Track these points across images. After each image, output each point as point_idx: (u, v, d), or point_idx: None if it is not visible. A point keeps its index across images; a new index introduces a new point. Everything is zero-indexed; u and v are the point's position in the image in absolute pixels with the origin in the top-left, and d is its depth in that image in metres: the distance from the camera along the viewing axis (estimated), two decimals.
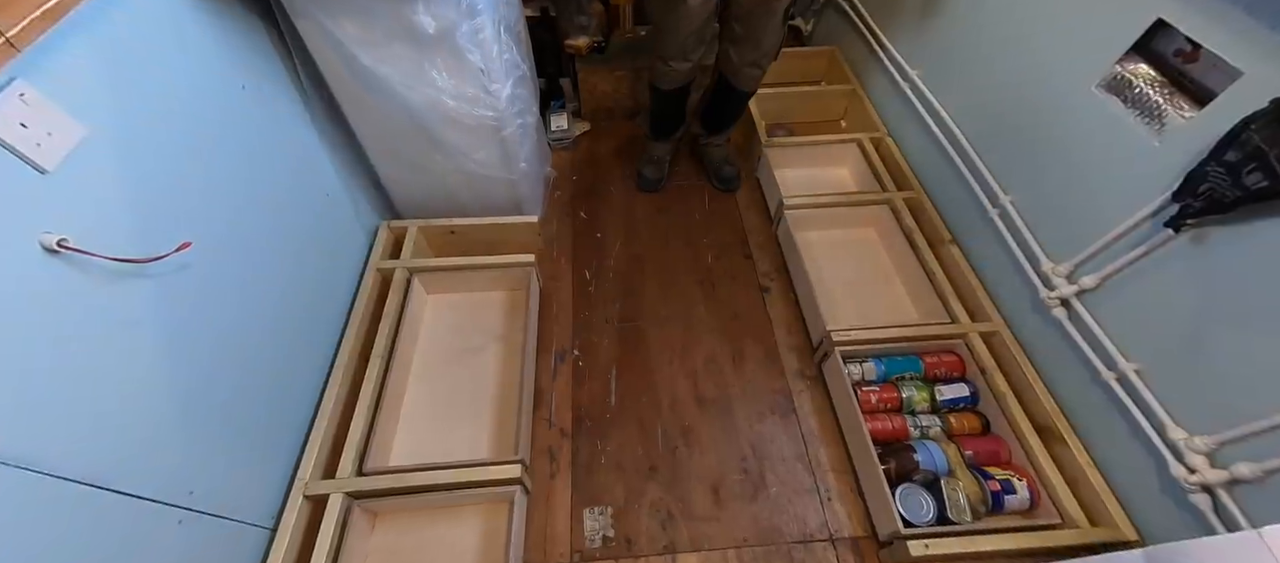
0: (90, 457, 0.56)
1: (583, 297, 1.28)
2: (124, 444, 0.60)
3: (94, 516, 0.56)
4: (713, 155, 1.44)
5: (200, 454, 0.71)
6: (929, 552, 0.80)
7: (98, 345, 0.58)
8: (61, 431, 0.54)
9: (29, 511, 0.50)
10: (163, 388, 0.65)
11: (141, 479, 0.61)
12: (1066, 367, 0.91)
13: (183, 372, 0.68)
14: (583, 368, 1.17)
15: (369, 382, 0.99)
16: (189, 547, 0.68)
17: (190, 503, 0.69)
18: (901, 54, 1.32)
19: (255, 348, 0.82)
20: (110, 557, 0.58)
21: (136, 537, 0.61)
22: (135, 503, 0.61)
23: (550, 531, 0.97)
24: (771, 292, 1.28)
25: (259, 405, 0.83)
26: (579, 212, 1.44)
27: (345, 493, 0.87)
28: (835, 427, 1.07)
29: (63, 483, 0.53)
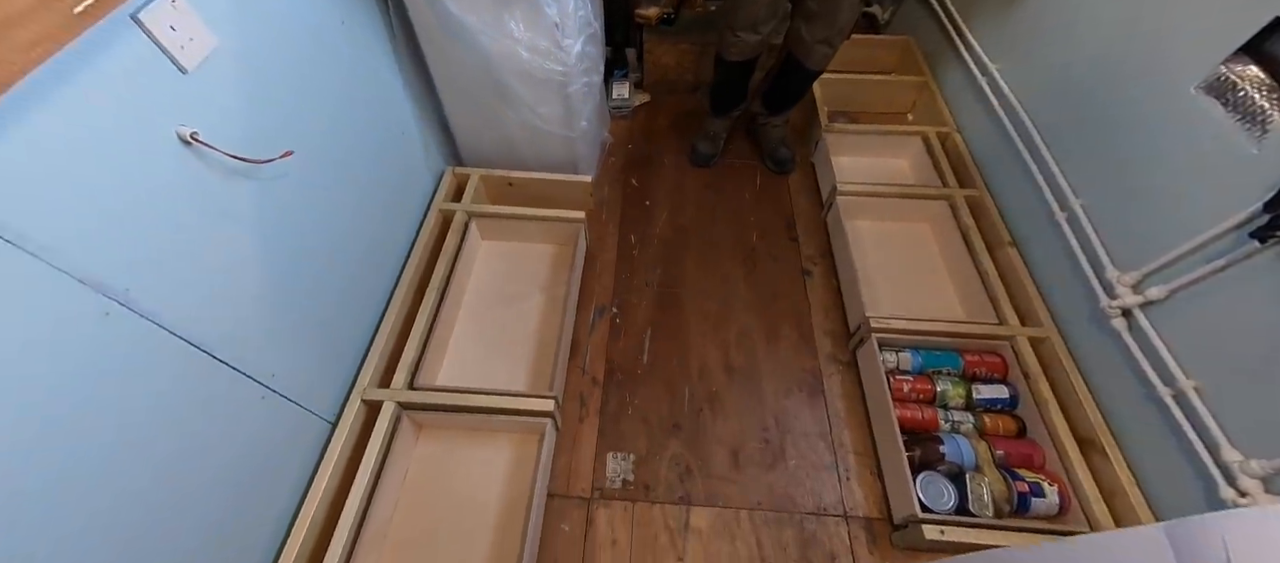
0: (200, 324, 0.65)
1: (626, 259, 1.32)
2: (226, 320, 0.69)
3: (199, 375, 0.66)
4: (769, 136, 1.44)
5: (282, 343, 0.80)
6: (944, 537, 0.80)
7: (211, 230, 0.67)
8: (181, 297, 0.63)
9: (150, 358, 0.59)
10: (257, 278, 0.75)
11: (237, 353, 0.71)
12: (1118, 379, 0.88)
13: (273, 267, 0.77)
14: (619, 325, 1.22)
15: (425, 309, 1.07)
16: (267, 421, 0.78)
17: (271, 383, 0.78)
18: (983, 46, 1.27)
19: (332, 260, 0.91)
20: (208, 414, 0.67)
21: (229, 401, 0.71)
22: (231, 372, 0.71)
23: (574, 467, 1.03)
24: (813, 276, 1.28)
25: (331, 312, 0.92)
26: (630, 179, 1.48)
27: (397, 403, 0.96)
28: (862, 412, 1.07)
29: (178, 341, 0.63)
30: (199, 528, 0.67)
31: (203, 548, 0.68)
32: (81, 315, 0.52)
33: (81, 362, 0.52)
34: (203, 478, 0.67)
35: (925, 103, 1.46)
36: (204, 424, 0.67)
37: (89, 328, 0.53)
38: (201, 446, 0.67)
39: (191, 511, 0.66)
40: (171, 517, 0.63)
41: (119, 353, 0.56)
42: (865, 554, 0.94)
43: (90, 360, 0.53)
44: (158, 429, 0.61)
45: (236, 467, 0.73)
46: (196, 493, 0.67)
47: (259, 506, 0.78)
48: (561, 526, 0.97)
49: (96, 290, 0.53)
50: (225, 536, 0.72)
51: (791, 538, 0.95)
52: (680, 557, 0.94)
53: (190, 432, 0.65)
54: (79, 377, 0.52)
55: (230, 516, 0.72)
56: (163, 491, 0.62)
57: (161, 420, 0.61)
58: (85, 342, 0.53)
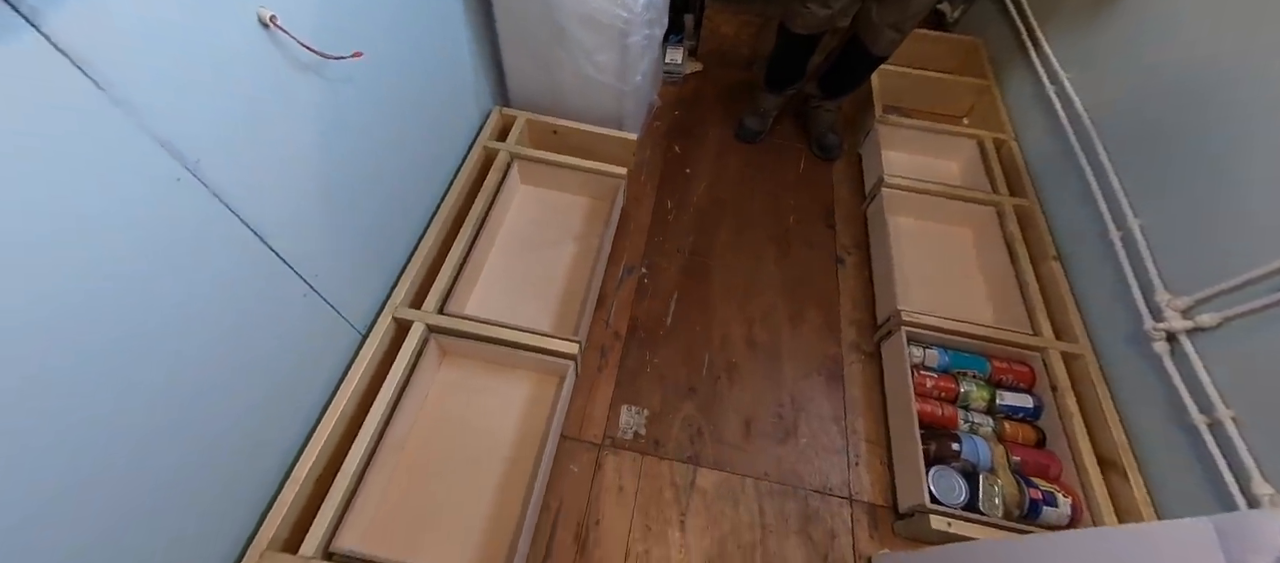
0: (257, 209, 0.67)
1: (660, 223, 1.32)
2: (280, 210, 0.71)
3: (251, 258, 0.68)
4: (820, 120, 1.42)
5: (327, 246, 0.82)
6: (950, 530, 0.80)
7: (277, 118, 0.68)
8: (243, 178, 0.64)
9: (211, 233, 0.61)
10: (312, 176, 0.76)
11: (287, 245, 0.73)
12: (1150, 403, 0.86)
13: (327, 169, 0.79)
14: (646, 285, 1.22)
15: (460, 240, 1.09)
16: (304, 319, 0.81)
17: (314, 283, 0.80)
18: (1057, 54, 1.22)
19: (381, 174, 0.93)
20: (256, 300, 0.70)
21: (275, 292, 0.73)
22: (280, 263, 0.73)
23: (588, 413, 1.05)
24: (846, 265, 1.27)
25: (374, 226, 0.94)
26: (673, 146, 1.47)
27: (427, 325, 0.98)
28: (880, 403, 1.07)
29: (237, 221, 0.64)
30: (235, 414, 0.70)
31: (234, 435, 0.71)
32: (157, 178, 0.54)
33: (153, 225, 0.54)
34: (244, 364, 0.70)
35: (984, 108, 1.42)
36: (251, 310, 0.69)
37: (162, 192, 0.55)
38: (246, 331, 0.69)
39: (231, 395, 0.69)
40: (214, 398, 0.66)
41: (185, 222, 0.58)
42: (865, 537, 0.95)
43: (161, 225, 0.55)
44: (212, 306, 0.63)
45: (273, 360, 0.75)
46: (237, 379, 0.69)
47: (289, 403, 0.81)
48: (571, 466, 0.99)
49: (172, 155, 0.55)
50: (256, 426, 0.75)
51: (794, 511, 0.96)
52: (683, 513, 0.96)
53: (239, 314, 0.67)
54: (149, 240, 0.54)
55: (263, 407, 0.75)
56: (210, 370, 0.64)
57: (216, 298, 0.63)
58: (158, 205, 0.54)
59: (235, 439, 0.71)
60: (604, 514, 0.95)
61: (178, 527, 0.64)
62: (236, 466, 0.73)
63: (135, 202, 0.52)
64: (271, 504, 0.78)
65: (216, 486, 0.70)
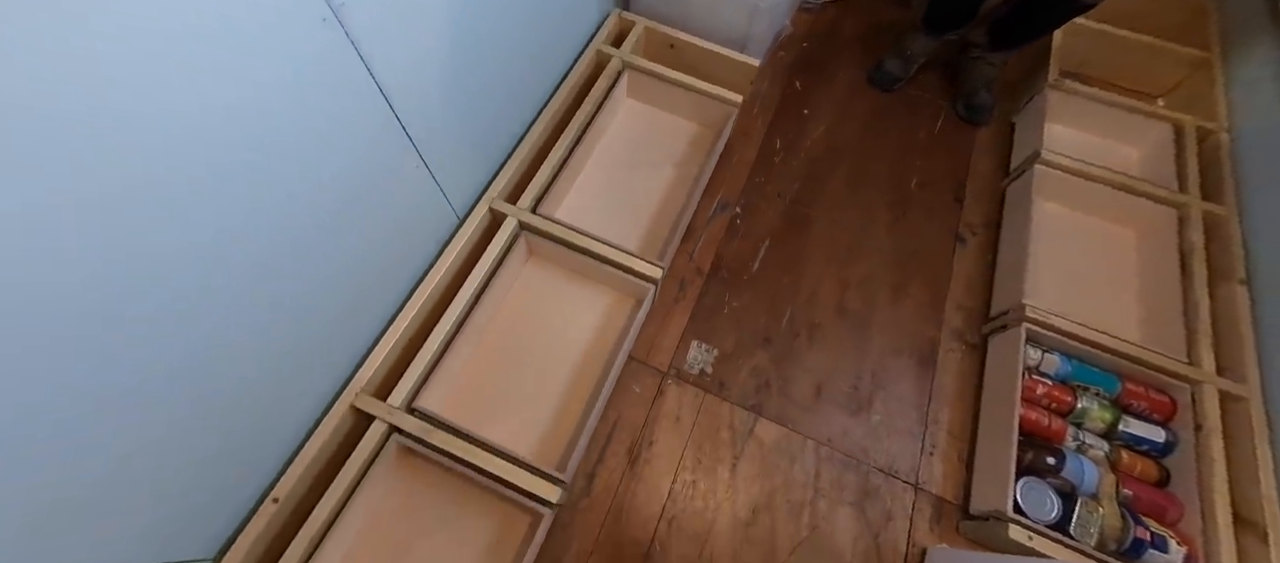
0: (388, 67, 0.67)
1: (765, 163, 1.23)
2: (407, 73, 0.71)
3: (377, 119, 0.69)
4: (974, 76, 1.22)
5: (445, 122, 0.83)
6: (1030, 544, 0.74)
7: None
8: (378, 33, 0.64)
9: (345, 82, 0.62)
10: (440, 47, 0.75)
11: (408, 111, 0.74)
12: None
13: (454, 42, 0.78)
14: (738, 226, 1.16)
15: (561, 143, 1.07)
16: (413, 191, 0.83)
17: (426, 156, 0.82)
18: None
19: (499, 58, 0.91)
20: (377, 161, 0.72)
21: (392, 157, 0.75)
22: (399, 127, 0.74)
23: (658, 341, 1.04)
24: (967, 245, 1.14)
25: (486, 112, 0.94)
26: (795, 81, 1.34)
27: (519, 221, 0.99)
28: (972, 398, 0.98)
29: (368, 77, 0.65)
30: (347, 263, 0.74)
31: (346, 281, 0.75)
32: (304, 15, 0.54)
33: (296, 64, 0.55)
34: (359, 218, 0.73)
35: (1195, 87, 1.16)
36: (372, 169, 0.72)
37: (307, 31, 0.55)
38: (365, 187, 0.72)
39: (346, 245, 0.72)
40: (334, 243, 0.70)
41: (325, 66, 0.59)
42: (924, 527, 0.90)
43: (303, 65, 0.56)
44: (337, 157, 0.65)
45: (384, 221, 0.79)
46: (352, 231, 0.73)
47: (391, 265, 0.86)
48: (634, 387, 1.00)
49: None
50: (364, 279, 0.80)
51: (852, 483, 0.93)
52: (737, 456, 0.95)
53: (358, 172, 0.70)
54: (292, 78, 0.55)
55: (370, 263, 0.80)
56: (332, 215, 0.68)
57: (341, 150, 0.66)
58: (302, 44, 0.55)
59: (346, 285, 0.77)
60: (658, 438, 0.96)
61: (296, 352, 0.72)
62: (346, 308, 0.79)
63: (282, 35, 0.52)
64: (368, 354, 0.86)
65: (329, 324, 0.76)
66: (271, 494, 0.74)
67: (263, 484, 0.75)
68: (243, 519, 0.73)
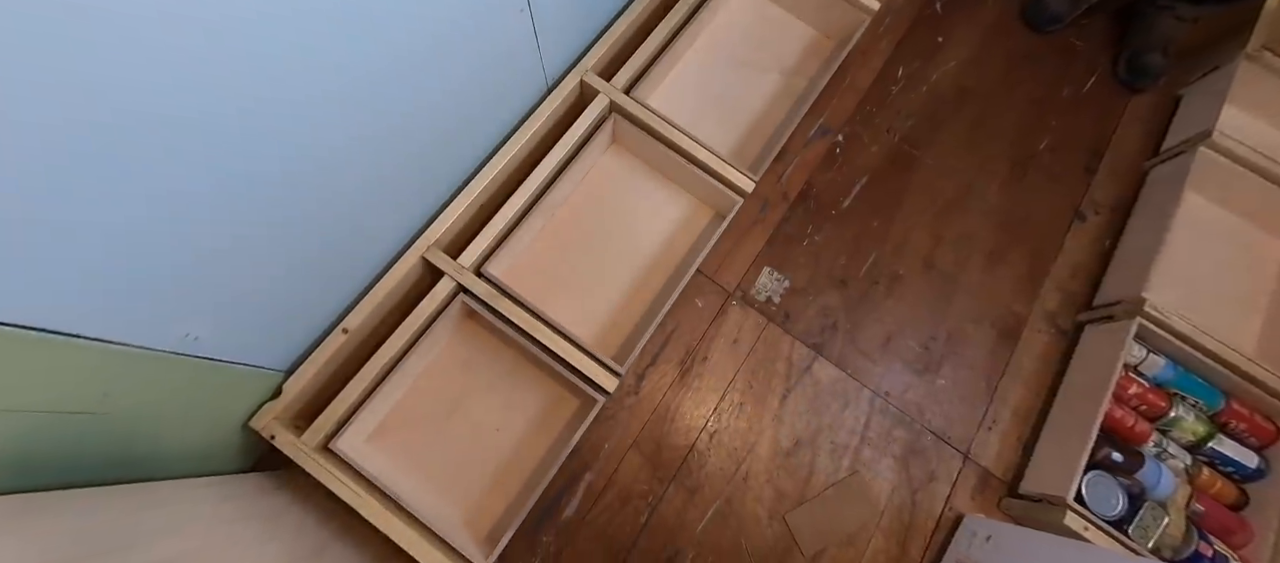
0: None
1: (881, 91, 1.11)
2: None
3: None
4: (1155, 30, 1.03)
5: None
6: (1084, 535, 0.72)
7: None
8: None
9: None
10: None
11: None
12: None
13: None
14: (838, 156, 1.07)
15: (665, 25, 0.97)
16: (508, 45, 0.76)
17: (533, 7, 0.74)
18: None
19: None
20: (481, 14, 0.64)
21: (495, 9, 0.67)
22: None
23: (730, 260, 0.99)
24: (1086, 223, 1.03)
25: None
26: (936, 2, 1.17)
27: (610, 101, 0.92)
28: (1050, 382, 0.93)
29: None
30: (429, 110, 0.68)
31: (437, 122, 0.71)
32: None
33: None
34: (454, 53, 0.66)
35: None
36: (474, 8, 0.65)
37: None
38: (466, 18, 0.65)
39: (434, 84, 0.66)
40: (425, 78, 0.64)
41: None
42: (965, 496, 0.89)
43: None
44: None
45: (479, 66, 0.72)
46: (443, 70, 0.66)
47: (478, 119, 0.80)
48: (696, 300, 0.97)
49: None
50: (452, 125, 0.75)
51: (901, 438, 0.91)
52: (788, 390, 0.93)
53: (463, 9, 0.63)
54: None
55: (461, 106, 0.74)
56: (431, 47, 0.62)
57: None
58: None
59: (430, 124, 0.71)
60: (712, 356, 0.94)
61: (382, 191, 0.69)
62: (429, 157, 0.75)
63: None
64: (443, 210, 0.83)
65: (411, 160, 0.72)
66: (342, 325, 0.75)
67: (335, 312, 0.76)
68: (314, 342, 0.75)
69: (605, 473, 0.88)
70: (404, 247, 0.81)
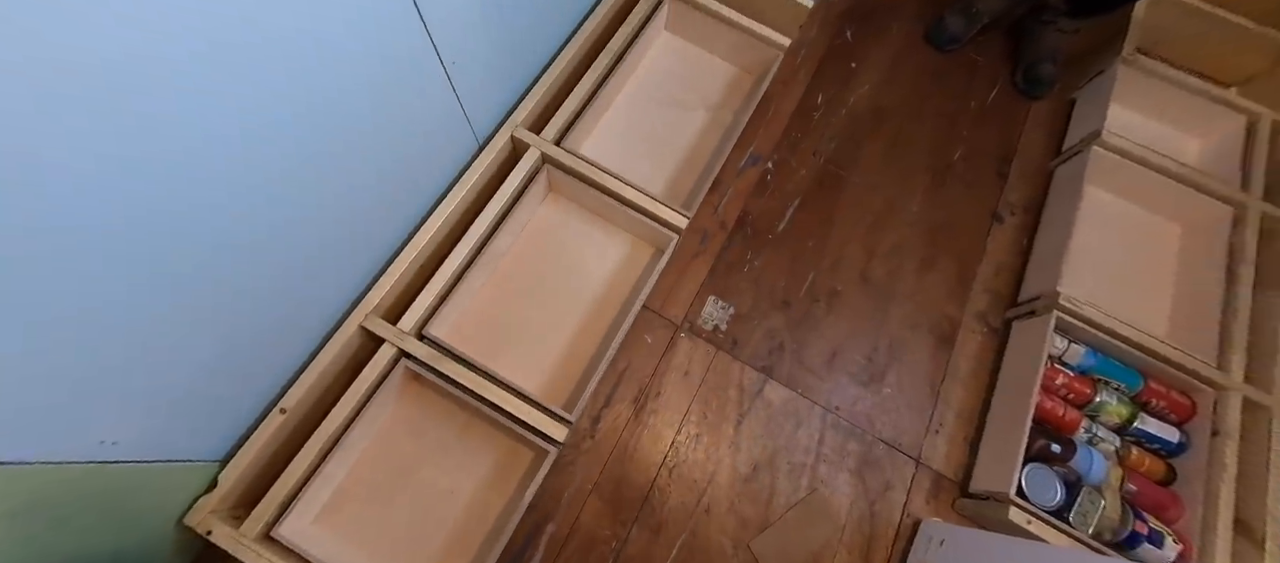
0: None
1: (803, 117, 1.16)
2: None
3: (405, 22, 0.64)
4: (1042, 43, 1.13)
5: (472, 34, 0.77)
6: (1028, 528, 0.74)
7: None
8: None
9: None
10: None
11: (437, 21, 0.68)
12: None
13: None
14: (769, 182, 1.11)
15: (591, 74, 1.00)
16: (437, 109, 0.78)
17: (452, 72, 0.77)
18: None
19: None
20: (396, 68, 0.66)
21: (420, 72, 0.70)
22: (429, 45, 0.68)
23: (674, 293, 1.02)
24: (1004, 225, 1.09)
25: (515, 30, 0.87)
26: (846, 30, 1.24)
27: (542, 153, 0.94)
28: (986, 382, 0.97)
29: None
30: (359, 185, 0.70)
31: (364, 197, 0.72)
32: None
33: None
34: (376, 133, 0.68)
35: (1278, 79, 1.07)
36: (395, 81, 0.66)
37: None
38: (385, 102, 0.67)
39: (361, 164, 0.68)
40: (347, 161, 0.65)
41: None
42: (920, 501, 0.91)
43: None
44: (362, 66, 0.60)
45: (405, 135, 0.74)
46: (366, 147, 0.68)
47: (409, 184, 0.82)
48: (645, 336, 0.99)
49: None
50: (382, 196, 0.76)
51: (855, 451, 0.93)
52: (742, 415, 0.95)
53: (383, 82, 0.65)
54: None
55: (389, 179, 0.76)
56: (347, 128, 0.63)
57: (368, 58, 0.60)
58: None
59: (362, 197, 0.72)
60: (665, 390, 0.96)
61: (311, 262, 0.69)
62: (362, 220, 0.75)
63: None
64: (380, 275, 0.84)
65: (343, 235, 0.73)
66: (279, 405, 0.74)
67: (271, 392, 0.74)
68: (250, 427, 0.73)
69: (567, 522, 0.87)
70: (342, 317, 0.80)
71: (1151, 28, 1.09)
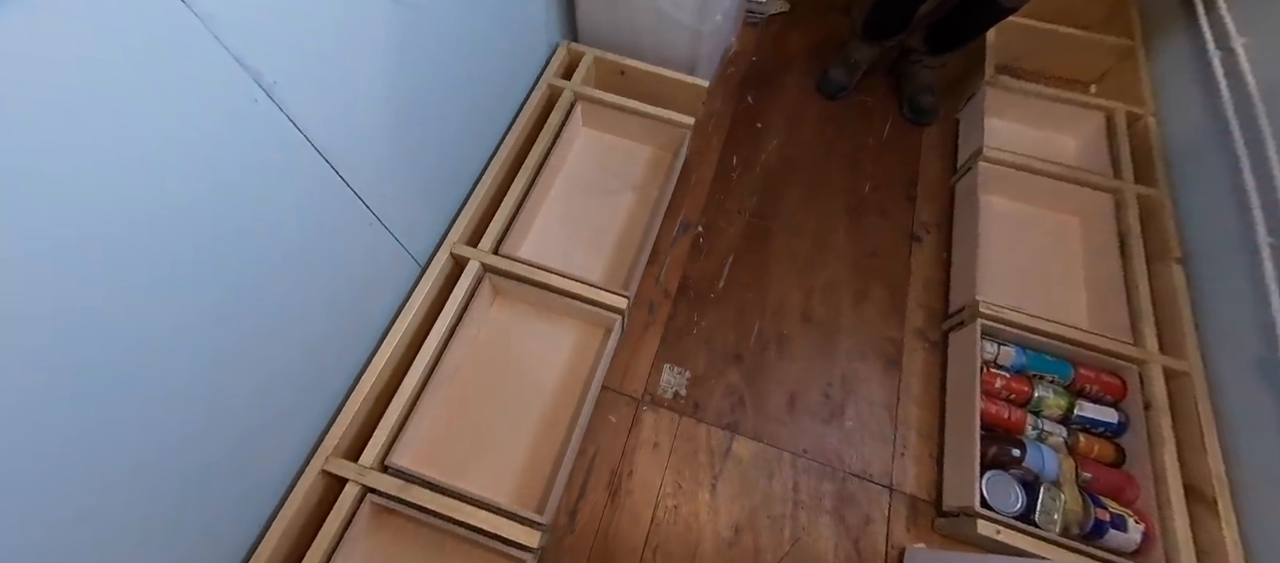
0: (331, 136, 0.67)
1: (723, 180, 1.26)
2: (351, 138, 0.71)
3: (323, 185, 0.69)
4: (917, 79, 1.26)
5: (394, 176, 0.83)
6: (998, 538, 0.76)
7: (355, 42, 0.66)
8: (317, 103, 0.64)
9: (285, 158, 0.62)
10: (383, 105, 0.76)
11: (357, 175, 0.74)
12: (1264, 438, 0.76)
13: (399, 99, 0.78)
14: (702, 244, 1.18)
15: (519, 181, 1.08)
16: (368, 248, 0.83)
17: (379, 213, 0.82)
18: (1233, 13, 1.00)
19: (447, 106, 0.91)
20: (323, 226, 0.72)
21: (342, 218, 0.75)
22: (347, 190, 0.74)
23: (631, 368, 1.05)
24: (922, 243, 1.17)
25: (438, 160, 0.94)
26: (747, 96, 1.37)
27: (482, 263, 0.99)
28: (938, 395, 1.01)
29: (310, 148, 0.65)
30: (300, 342, 0.74)
31: (305, 353, 0.75)
32: (233, 96, 0.54)
33: (228, 145, 0.55)
34: (312, 291, 0.73)
35: (1122, 75, 1.21)
36: (320, 238, 0.72)
37: (238, 110, 0.55)
38: (315, 259, 0.72)
39: (300, 322, 0.72)
40: (283, 323, 0.69)
41: (259, 145, 0.58)
42: (901, 528, 0.92)
43: (235, 146, 0.55)
44: (285, 231, 0.65)
45: (341, 285, 0.79)
46: (307, 302, 0.72)
47: (352, 327, 0.86)
48: (609, 417, 1.01)
49: (249, 73, 0.55)
50: (324, 347, 0.79)
51: (830, 491, 0.95)
52: (716, 477, 0.96)
53: (309, 241, 0.70)
54: (223, 160, 0.55)
55: (330, 329, 0.79)
56: (280, 292, 0.67)
57: (288, 223, 0.65)
58: (233, 125, 0.54)
59: (305, 357, 0.76)
60: (637, 468, 0.97)
61: (260, 425, 0.71)
62: (308, 379, 0.78)
63: (210, 122, 0.52)
64: (336, 416, 0.85)
65: (293, 391, 0.76)
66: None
67: (236, 559, 0.74)
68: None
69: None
70: (302, 466, 0.81)
71: (1005, 49, 1.24)
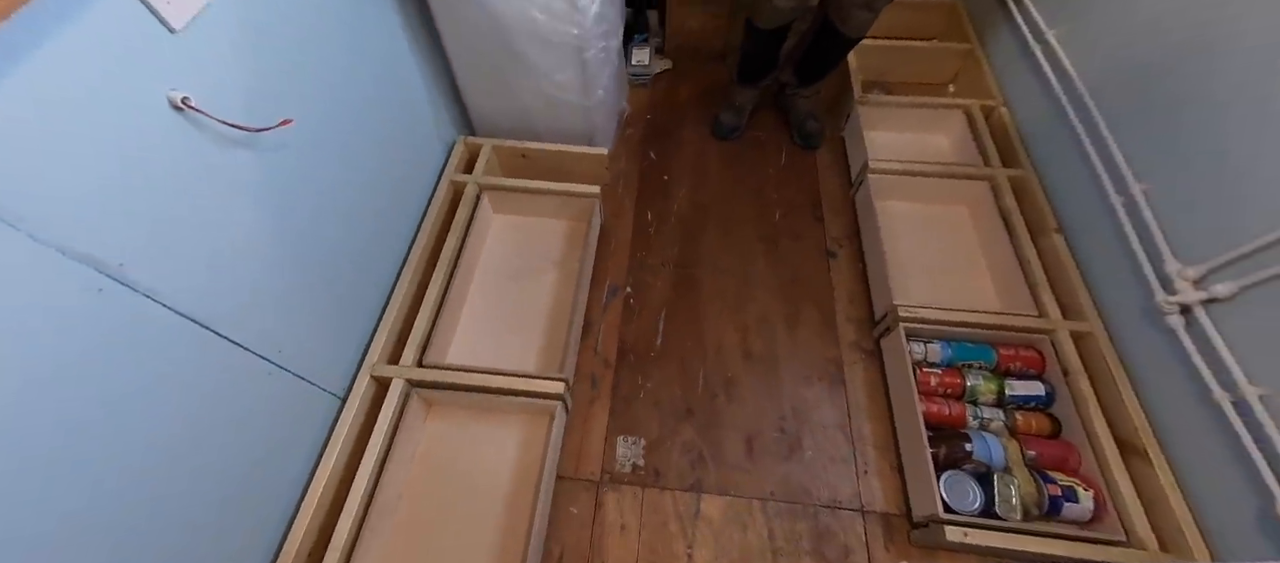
0: (202, 300, 0.63)
1: (642, 237, 1.28)
2: (229, 295, 0.68)
3: (202, 351, 0.64)
4: (799, 108, 1.35)
5: (290, 318, 0.79)
6: (967, 540, 0.76)
7: (210, 201, 0.64)
8: (181, 271, 0.61)
9: (149, 336, 0.58)
10: (261, 252, 0.72)
11: (242, 329, 0.69)
12: (1168, 381, 0.81)
13: (278, 241, 0.75)
14: (633, 305, 1.18)
15: (435, 284, 1.05)
16: (274, 398, 0.77)
17: (278, 359, 0.77)
18: (1039, 9, 1.15)
19: (339, 233, 0.89)
20: (210, 392, 0.66)
21: (235, 379, 0.70)
22: (235, 349, 0.69)
23: (584, 449, 1.01)
24: (838, 258, 1.22)
25: (339, 287, 0.90)
26: (649, 152, 1.41)
27: (406, 380, 0.94)
28: (885, 403, 1.03)
29: (178, 318, 0.61)
30: (206, 508, 0.67)
31: (211, 526, 0.68)
32: (68, 292, 0.50)
33: (69, 342, 0.50)
34: (207, 458, 0.67)
35: (970, 73, 1.35)
36: (208, 402, 0.66)
37: (77, 305, 0.51)
38: (204, 425, 0.66)
39: (196, 492, 0.65)
40: (174, 502, 0.62)
41: (113, 331, 0.54)
42: (881, 551, 0.91)
43: (79, 340, 0.51)
44: (156, 409, 0.59)
45: (243, 445, 0.72)
46: (201, 473, 0.66)
47: (268, 483, 0.78)
48: (570, 508, 0.96)
49: (86, 264, 0.51)
50: (234, 515, 0.72)
51: (805, 530, 0.93)
52: (690, 545, 0.92)
53: (192, 410, 0.64)
54: (64, 358, 0.50)
55: (238, 495, 0.72)
56: (163, 472, 0.61)
57: (161, 400, 0.60)
58: (73, 320, 0.50)
59: (216, 536, 0.68)
60: (608, 556, 0.92)
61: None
62: (223, 552, 0.70)
63: (42, 321, 0.48)
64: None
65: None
66: None
67: None
68: None
69: None
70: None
71: (868, 68, 1.36)
